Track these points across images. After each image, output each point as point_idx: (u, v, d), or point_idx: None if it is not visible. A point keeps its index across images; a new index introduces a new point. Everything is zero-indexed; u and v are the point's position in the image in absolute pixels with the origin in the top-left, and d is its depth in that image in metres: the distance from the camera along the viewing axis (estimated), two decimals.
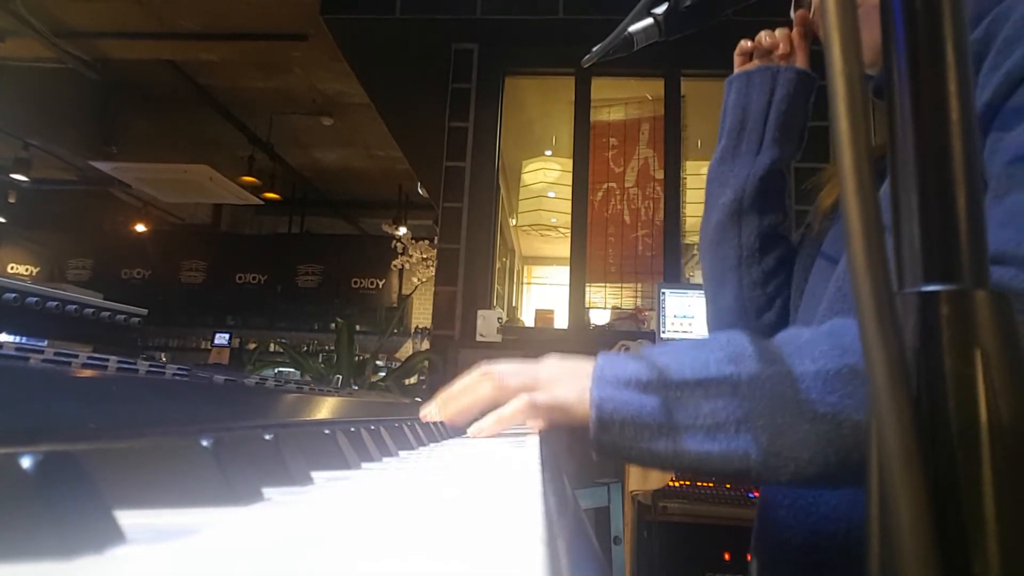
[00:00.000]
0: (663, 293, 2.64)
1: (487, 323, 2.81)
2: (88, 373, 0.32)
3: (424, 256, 6.36)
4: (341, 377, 2.86)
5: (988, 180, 0.46)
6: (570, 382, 0.52)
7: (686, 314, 2.62)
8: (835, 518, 0.55)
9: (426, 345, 5.43)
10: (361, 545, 0.15)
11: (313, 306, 8.38)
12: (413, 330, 7.91)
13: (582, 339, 2.98)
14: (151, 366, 0.39)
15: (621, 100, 3.51)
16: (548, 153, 4.12)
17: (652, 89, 3.39)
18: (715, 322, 0.82)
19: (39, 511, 0.14)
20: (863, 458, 0.42)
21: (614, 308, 3.32)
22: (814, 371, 0.43)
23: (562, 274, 3.54)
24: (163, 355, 7.59)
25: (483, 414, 0.55)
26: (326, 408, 0.51)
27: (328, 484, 0.27)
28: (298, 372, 3.60)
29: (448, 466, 0.35)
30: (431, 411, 0.60)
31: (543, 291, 6.99)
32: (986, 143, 0.48)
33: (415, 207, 7.81)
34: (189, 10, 4.37)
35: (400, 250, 6.52)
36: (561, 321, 3.30)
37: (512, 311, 5.51)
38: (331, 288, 8.54)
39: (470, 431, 0.54)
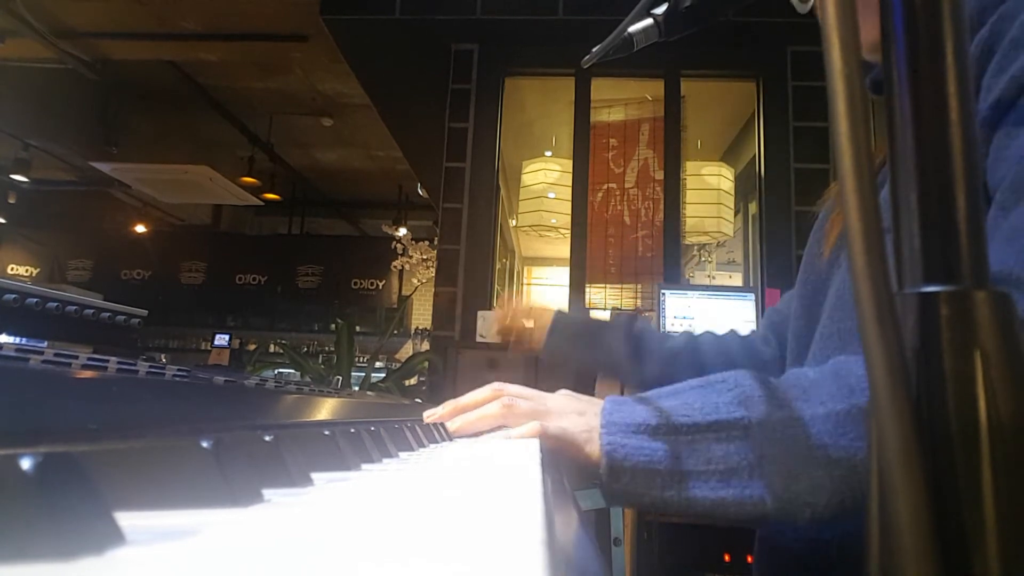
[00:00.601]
0: (663, 294, 2.64)
1: (487, 324, 2.81)
2: (88, 374, 0.32)
3: (424, 257, 6.36)
4: (341, 378, 2.86)
5: (990, 187, 0.45)
6: (579, 418, 0.51)
7: (686, 315, 2.62)
8: (826, 528, 0.55)
9: (426, 346, 5.43)
10: (361, 546, 0.15)
11: (313, 307, 8.39)
12: (413, 331, 7.90)
13: None
14: (151, 367, 0.39)
15: (621, 101, 3.51)
16: (548, 154, 4.12)
17: (652, 90, 3.39)
18: None
19: (39, 512, 0.14)
20: None
21: (614, 309, 3.32)
22: (824, 414, 0.42)
23: (562, 275, 3.54)
24: (163, 356, 7.58)
25: (489, 431, 0.56)
26: (326, 409, 0.51)
27: (328, 485, 0.27)
28: (298, 373, 3.60)
29: (448, 467, 0.35)
30: (437, 414, 0.60)
31: (543, 292, 6.99)
32: (990, 147, 0.46)
33: (415, 208, 7.81)
34: (189, 10, 4.37)
35: (400, 251, 6.52)
36: None
37: None
38: (331, 289, 8.54)
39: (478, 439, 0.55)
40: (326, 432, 0.33)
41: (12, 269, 8.62)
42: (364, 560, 0.13)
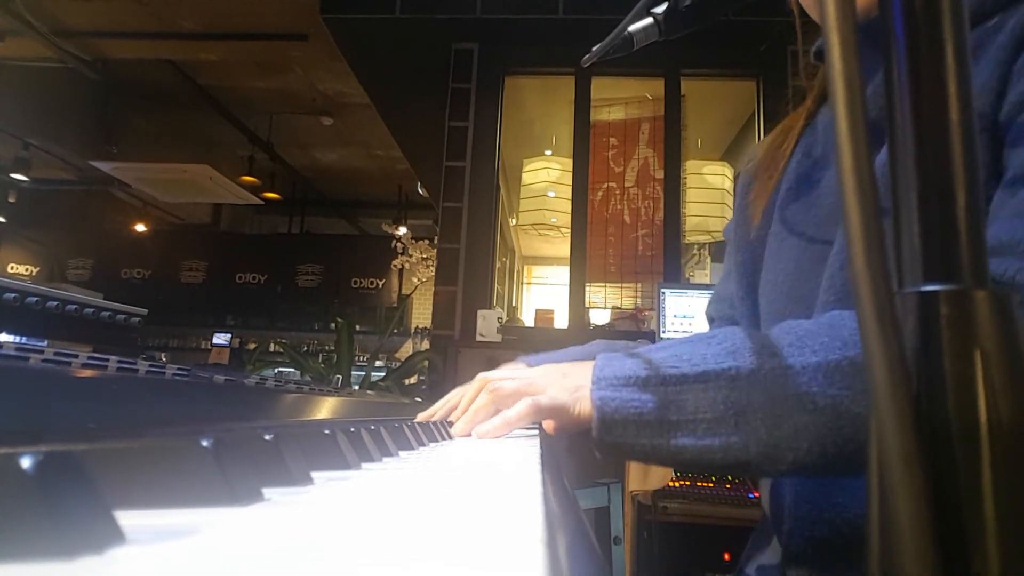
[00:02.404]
0: (663, 293, 2.64)
1: (487, 323, 2.81)
2: (88, 373, 0.32)
3: (424, 256, 6.36)
4: (341, 377, 2.86)
5: (1007, 167, 0.45)
6: (564, 380, 0.53)
7: (686, 314, 2.62)
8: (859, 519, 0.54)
9: (426, 345, 5.43)
10: (361, 545, 0.15)
11: (313, 306, 8.39)
12: (413, 330, 7.90)
13: (582, 339, 2.97)
14: (151, 366, 0.39)
15: (621, 100, 3.51)
16: (548, 153, 4.12)
17: (652, 89, 3.39)
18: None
19: (39, 511, 0.14)
20: (858, 447, 0.42)
21: (614, 308, 3.32)
22: (815, 363, 0.43)
23: (562, 274, 3.54)
24: (163, 355, 7.59)
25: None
26: (326, 408, 0.51)
27: (328, 484, 0.27)
28: (298, 372, 3.61)
29: (448, 466, 0.35)
30: (431, 413, 0.60)
31: (543, 291, 7.00)
32: (1014, 127, 0.46)
33: (415, 207, 7.81)
34: (189, 10, 4.37)
35: (400, 250, 6.52)
36: (561, 321, 3.30)
37: (512, 311, 5.51)
38: (331, 288, 8.54)
39: (476, 432, 0.55)
40: (326, 431, 0.33)
41: (12, 268, 8.62)
42: (364, 559, 0.13)
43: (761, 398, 0.44)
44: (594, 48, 0.65)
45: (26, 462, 0.14)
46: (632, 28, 0.63)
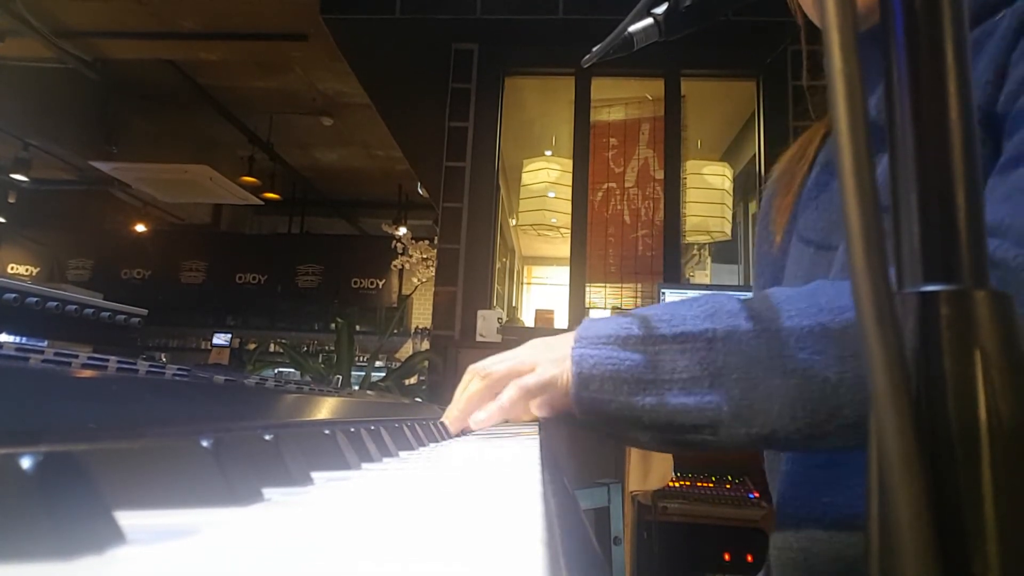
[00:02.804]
0: (663, 293, 2.64)
1: (487, 323, 2.81)
2: (88, 373, 0.32)
3: (424, 256, 6.36)
4: (341, 377, 2.86)
5: (1003, 152, 0.45)
6: (550, 358, 0.53)
7: None
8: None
9: (426, 345, 5.43)
10: (361, 545, 0.15)
11: (313, 306, 8.39)
12: (413, 330, 7.91)
13: None
14: (151, 366, 0.39)
15: (621, 100, 3.51)
16: (548, 153, 4.12)
17: (652, 89, 3.39)
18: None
19: (39, 511, 0.14)
20: (829, 416, 0.42)
21: (614, 308, 3.32)
22: (788, 327, 0.44)
23: (562, 274, 3.54)
24: (163, 355, 7.59)
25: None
26: (326, 408, 0.51)
27: (328, 484, 0.27)
28: (298, 372, 3.60)
29: (448, 466, 0.35)
30: (450, 415, 0.61)
31: (543, 291, 7.00)
32: (1012, 113, 0.46)
33: (415, 207, 7.82)
34: (189, 10, 4.37)
35: (400, 250, 6.52)
36: (561, 321, 3.31)
37: (512, 311, 5.51)
38: (331, 288, 8.55)
39: (471, 421, 0.56)
40: (326, 431, 0.33)
41: (12, 268, 8.62)
42: (364, 559, 0.13)
43: (736, 361, 0.45)
44: (594, 48, 0.65)
45: (26, 462, 0.14)
46: (632, 28, 0.63)
